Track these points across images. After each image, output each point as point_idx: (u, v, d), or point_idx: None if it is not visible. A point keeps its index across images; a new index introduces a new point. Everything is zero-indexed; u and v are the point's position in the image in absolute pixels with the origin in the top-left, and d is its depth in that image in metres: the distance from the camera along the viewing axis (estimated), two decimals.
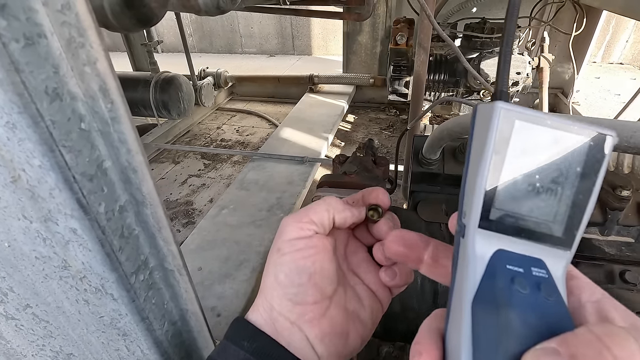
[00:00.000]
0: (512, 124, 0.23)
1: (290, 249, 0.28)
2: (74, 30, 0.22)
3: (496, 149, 0.23)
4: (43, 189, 0.25)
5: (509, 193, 0.23)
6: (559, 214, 0.23)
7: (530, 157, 0.23)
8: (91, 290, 0.33)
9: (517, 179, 0.23)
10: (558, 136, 0.22)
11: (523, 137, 0.23)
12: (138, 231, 0.32)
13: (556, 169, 0.23)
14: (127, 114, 0.26)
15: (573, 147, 0.22)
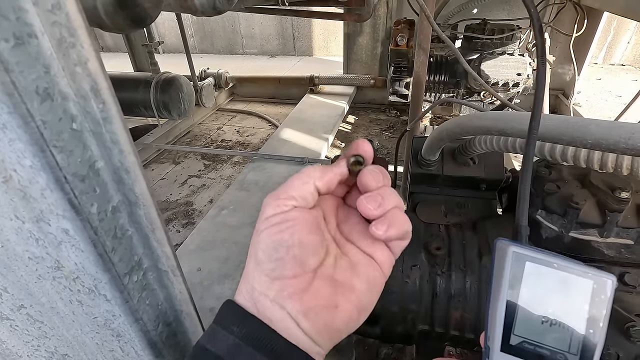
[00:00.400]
0: (523, 265, 0.28)
1: (267, 226, 0.27)
2: (65, 30, 0.22)
3: (511, 285, 0.28)
4: (34, 189, 0.25)
5: (525, 323, 0.27)
6: (573, 344, 0.27)
7: (542, 294, 0.27)
8: (84, 291, 0.32)
9: (532, 312, 0.27)
10: (566, 278, 0.27)
11: (534, 277, 0.27)
12: (131, 232, 0.31)
13: (566, 306, 0.27)
14: (119, 114, 0.26)
15: (579, 288, 0.27)
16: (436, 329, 0.84)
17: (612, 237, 0.66)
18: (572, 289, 0.26)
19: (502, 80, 2.11)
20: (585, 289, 0.26)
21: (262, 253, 0.27)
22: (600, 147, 0.48)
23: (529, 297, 0.27)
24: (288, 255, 0.26)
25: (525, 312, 0.27)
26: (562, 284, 0.27)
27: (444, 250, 0.85)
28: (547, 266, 0.27)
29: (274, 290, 0.27)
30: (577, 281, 0.26)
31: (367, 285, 0.29)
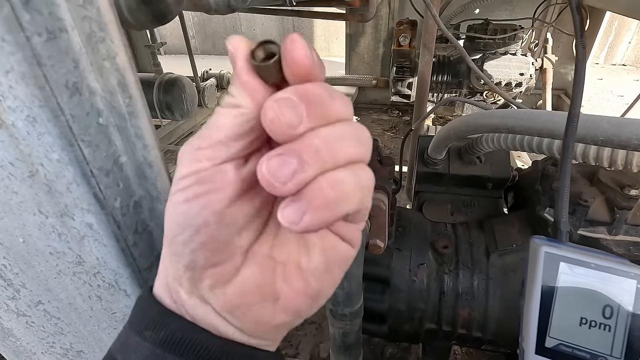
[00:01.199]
0: (557, 265, 0.27)
1: (174, 192, 0.19)
2: (95, 25, 0.22)
3: (544, 286, 0.27)
4: (61, 183, 0.25)
5: (561, 325, 0.26)
6: (616, 347, 0.25)
7: (580, 294, 0.26)
8: (104, 286, 0.33)
9: (569, 313, 0.26)
10: (606, 277, 0.26)
11: (570, 277, 0.26)
12: (152, 227, 0.32)
13: (607, 307, 0.25)
14: (145, 109, 0.26)
15: (622, 288, 0.25)
16: (443, 328, 0.84)
17: (620, 234, 0.66)
18: (614, 289, 0.25)
19: (504, 80, 2.12)
20: (629, 289, 0.25)
21: (168, 230, 0.19)
22: (612, 144, 0.48)
23: (564, 298, 0.26)
24: (200, 237, 0.18)
25: (561, 314, 0.26)
26: (602, 283, 0.25)
27: (451, 248, 0.85)
28: (584, 266, 0.26)
29: (188, 282, 0.20)
30: (619, 281, 0.25)
31: (324, 264, 0.21)
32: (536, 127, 0.56)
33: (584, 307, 0.26)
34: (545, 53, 2.29)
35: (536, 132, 0.57)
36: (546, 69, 2.27)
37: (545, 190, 0.75)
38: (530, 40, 2.38)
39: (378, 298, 0.85)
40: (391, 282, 0.84)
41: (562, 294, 0.27)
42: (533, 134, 0.58)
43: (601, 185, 0.68)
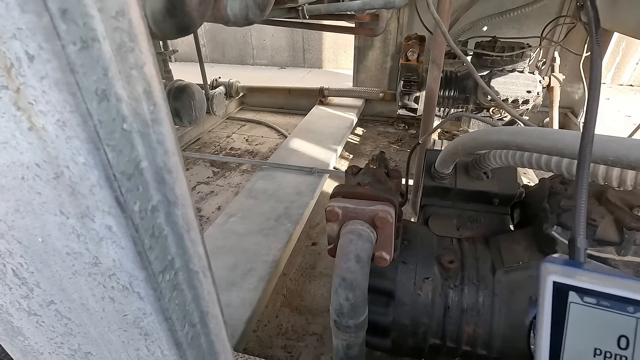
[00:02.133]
0: (566, 296, 0.24)
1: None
2: (126, 36, 0.23)
3: (554, 318, 0.25)
4: (84, 185, 0.26)
5: (575, 357, 0.25)
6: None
7: (592, 326, 0.24)
8: (118, 287, 0.33)
9: (582, 344, 0.24)
10: (619, 307, 0.24)
11: (580, 307, 0.24)
12: (167, 231, 0.32)
13: (622, 338, 0.24)
14: (168, 116, 0.27)
15: (636, 317, 0.23)
16: (447, 344, 0.83)
17: (629, 255, 0.66)
18: (630, 318, 0.24)
19: (511, 97, 2.13)
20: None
21: None
22: (622, 164, 0.48)
23: (576, 329, 0.25)
24: None
25: (574, 345, 0.25)
26: (617, 312, 0.24)
27: (457, 263, 0.84)
28: (595, 296, 0.25)
29: None
30: (635, 310, 0.24)
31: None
32: (546, 145, 0.57)
33: (597, 338, 0.25)
34: (553, 71, 2.31)
35: (545, 150, 0.57)
36: (553, 87, 2.28)
37: (553, 208, 0.75)
38: (537, 59, 2.40)
39: (382, 311, 0.85)
40: (396, 296, 0.83)
41: (573, 325, 0.25)
42: (542, 152, 0.58)
43: (610, 205, 0.68)
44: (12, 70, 0.22)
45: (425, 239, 0.90)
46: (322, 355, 1.31)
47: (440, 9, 1.09)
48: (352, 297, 0.66)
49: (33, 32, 0.20)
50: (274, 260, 1.47)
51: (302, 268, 1.69)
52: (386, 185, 0.82)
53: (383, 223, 0.70)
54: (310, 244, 1.84)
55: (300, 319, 1.45)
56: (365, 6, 1.01)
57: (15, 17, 0.20)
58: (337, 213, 0.73)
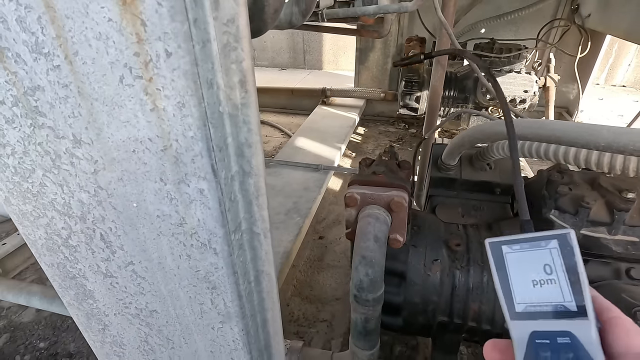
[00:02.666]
0: (500, 249, 0.36)
1: None
2: (232, 38, 0.30)
3: (498, 267, 0.35)
4: (188, 155, 0.33)
5: (521, 291, 0.34)
6: (565, 293, 0.32)
7: (525, 264, 0.34)
8: (197, 245, 0.40)
9: (522, 280, 0.34)
10: (536, 244, 0.34)
11: (512, 254, 0.35)
12: (239, 197, 0.39)
13: (546, 267, 0.34)
14: (255, 101, 0.34)
15: (549, 247, 0.33)
16: (455, 320, 0.90)
17: (619, 234, 0.74)
18: (544, 251, 0.33)
19: (509, 97, 2.21)
20: (552, 245, 0.33)
21: None
22: (611, 149, 0.56)
23: (515, 271, 0.34)
24: None
25: (518, 283, 0.34)
26: (536, 249, 0.34)
27: (463, 246, 0.92)
28: (519, 243, 0.35)
29: None
30: (545, 244, 0.33)
31: None
32: (545, 135, 0.64)
33: (530, 272, 0.34)
34: (548, 72, 2.40)
35: (545, 139, 0.65)
36: (549, 87, 2.37)
37: (550, 194, 0.82)
38: (534, 60, 2.48)
39: (394, 291, 0.92)
40: (407, 276, 0.91)
41: (512, 268, 0.35)
42: (542, 140, 0.66)
43: (602, 189, 0.76)
44: (150, 64, 0.29)
45: (434, 225, 0.97)
46: (332, 340, 1.37)
47: (445, 11, 1.17)
48: (371, 273, 0.73)
49: (176, 35, 0.27)
50: (285, 252, 1.54)
51: (311, 260, 1.76)
52: (398, 175, 0.89)
53: (398, 207, 0.78)
54: (317, 238, 1.91)
55: (310, 307, 1.51)
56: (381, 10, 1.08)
57: (165, 24, 0.27)
58: (356, 199, 0.80)
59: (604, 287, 0.74)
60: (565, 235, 0.33)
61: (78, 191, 0.39)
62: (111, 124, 0.33)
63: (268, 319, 0.51)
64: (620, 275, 0.76)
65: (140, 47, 0.28)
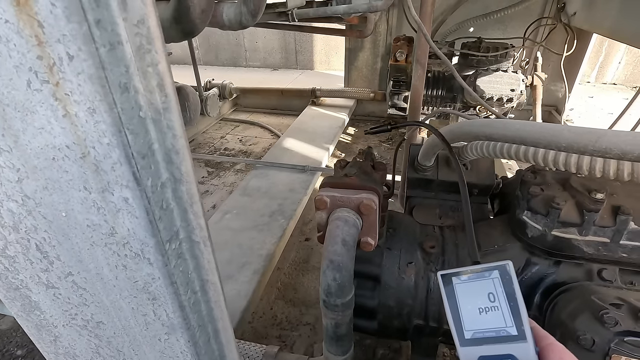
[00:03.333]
0: (450, 281, 0.39)
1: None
2: (144, 40, 0.29)
3: (449, 297, 0.39)
4: (107, 163, 0.32)
5: (470, 319, 0.38)
6: (507, 319, 0.36)
7: (471, 293, 0.38)
8: (131, 255, 0.39)
9: (470, 308, 0.38)
10: (480, 275, 0.38)
11: (461, 285, 0.39)
12: (173, 205, 0.38)
13: (490, 295, 0.37)
14: (177, 105, 0.32)
15: (491, 279, 0.38)
16: (430, 324, 0.89)
17: (590, 235, 0.73)
18: (488, 280, 0.38)
19: (496, 96, 2.21)
20: (494, 275, 0.38)
21: None
22: (573, 150, 0.55)
23: (463, 300, 0.38)
24: None
25: (466, 311, 0.38)
26: (481, 279, 0.38)
27: (438, 248, 0.91)
28: (465, 274, 0.39)
29: None
30: (489, 274, 0.38)
31: None
32: (510, 135, 0.63)
33: (477, 301, 0.38)
34: (536, 71, 2.39)
35: (510, 139, 0.64)
36: (536, 86, 2.37)
37: (523, 195, 0.81)
38: (521, 59, 2.48)
39: (369, 294, 0.91)
40: (382, 280, 0.89)
41: (461, 298, 0.39)
42: (508, 141, 0.65)
43: (572, 190, 0.75)
44: (54, 68, 0.27)
45: (409, 227, 0.96)
46: (315, 344, 1.36)
47: (423, 11, 1.16)
48: (339, 278, 0.71)
49: (75, 37, 0.26)
50: (268, 254, 1.53)
51: (296, 262, 1.75)
52: (371, 176, 0.88)
53: (368, 210, 0.76)
54: (304, 240, 1.89)
55: (294, 310, 1.50)
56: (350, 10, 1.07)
57: (62, 26, 0.25)
58: (326, 201, 0.79)
59: (575, 289, 0.73)
60: (504, 266, 0.37)
61: (6, 200, 0.38)
62: (27, 131, 0.32)
63: (219, 329, 0.50)
64: (592, 277, 0.75)
65: (42, 50, 0.27)
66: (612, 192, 0.74)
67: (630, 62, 4.13)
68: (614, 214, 0.71)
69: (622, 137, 0.50)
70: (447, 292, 0.39)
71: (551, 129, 0.57)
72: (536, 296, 0.80)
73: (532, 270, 0.80)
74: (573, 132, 0.55)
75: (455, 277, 0.39)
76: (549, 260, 0.79)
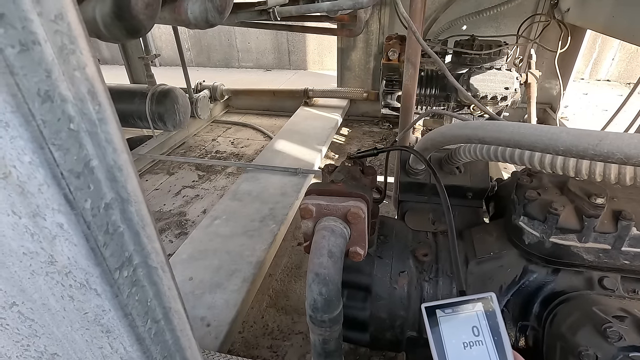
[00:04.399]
0: (435, 313, 0.39)
1: None
2: (66, 38, 0.24)
3: (433, 331, 0.38)
4: (32, 184, 0.27)
5: (454, 353, 0.37)
6: (491, 354, 0.36)
7: (456, 327, 0.38)
8: (76, 285, 0.34)
9: (455, 343, 0.37)
10: (464, 308, 0.38)
11: (445, 318, 0.38)
12: (123, 228, 0.33)
13: (473, 328, 0.37)
14: (114, 115, 0.28)
15: (475, 311, 0.37)
16: (424, 335, 0.85)
17: (590, 242, 0.69)
18: (472, 313, 0.37)
19: (490, 94, 2.17)
20: (478, 308, 0.37)
21: None
22: (571, 154, 0.51)
23: (448, 334, 0.37)
24: None
25: (451, 344, 0.37)
26: (464, 312, 0.38)
27: (431, 256, 0.86)
28: (451, 307, 0.38)
29: None
30: (472, 306, 0.37)
31: None
32: (504, 138, 0.59)
33: (462, 334, 0.37)
34: (530, 68, 2.36)
35: (504, 143, 0.59)
36: (530, 84, 2.34)
37: (519, 199, 0.77)
38: (515, 56, 2.45)
39: (360, 306, 0.86)
40: (373, 290, 0.85)
41: (445, 331, 0.38)
42: (502, 144, 0.61)
43: (570, 194, 0.71)
44: None
45: (401, 233, 0.92)
46: (307, 354, 1.32)
47: (413, 8, 1.12)
48: (325, 292, 0.67)
49: None
50: (258, 261, 1.48)
51: (288, 268, 1.70)
52: (360, 182, 0.83)
53: (355, 218, 0.72)
54: (296, 244, 1.85)
55: (286, 318, 1.45)
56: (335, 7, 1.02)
57: None
58: (311, 210, 0.74)
59: (576, 299, 0.69)
60: (487, 298, 0.37)
61: None
62: None
63: (188, 358, 0.45)
64: (593, 285, 0.71)
65: None
66: (613, 196, 0.70)
67: (623, 58, 4.12)
68: (615, 219, 0.67)
69: (625, 140, 0.46)
70: (431, 326, 0.39)
71: (548, 131, 0.53)
72: (535, 305, 0.76)
73: (530, 279, 0.76)
74: (572, 134, 0.50)
75: (439, 309, 0.39)
76: (547, 268, 0.75)
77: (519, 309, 0.78)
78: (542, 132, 0.53)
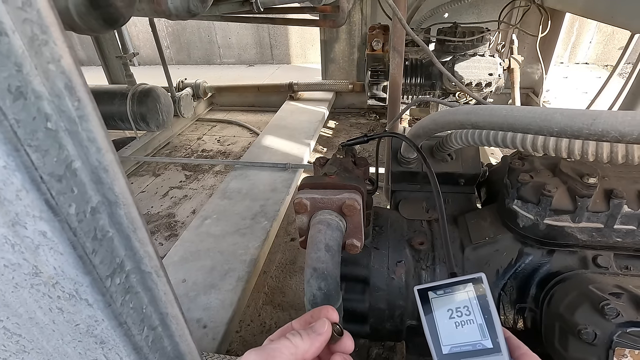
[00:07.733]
0: (427, 295, 0.39)
1: None
2: (37, 28, 0.22)
3: (426, 312, 0.39)
4: (9, 191, 0.25)
5: (446, 334, 0.38)
6: (482, 331, 0.36)
7: (447, 307, 0.38)
8: (65, 296, 0.32)
9: (447, 323, 0.38)
10: (455, 288, 0.38)
11: (437, 299, 0.39)
12: (112, 233, 0.31)
13: (464, 308, 0.37)
14: (95, 111, 0.26)
15: (465, 291, 0.38)
16: None
17: (583, 221, 0.69)
18: (463, 293, 0.38)
19: (475, 81, 2.18)
20: (469, 289, 0.38)
21: None
22: (566, 134, 0.50)
23: (440, 315, 0.38)
24: None
25: (443, 325, 0.38)
26: (456, 292, 0.38)
27: (427, 244, 0.86)
28: (442, 288, 0.39)
29: None
30: (463, 287, 0.38)
31: None
32: (497, 122, 0.58)
33: (454, 314, 0.37)
34: (512, 53, 2.38)
35: (498, 127, 0.59)
36: (513, 69, 2.36)
37: (512, 183, 0.77)
38: (497, 42, 2.47)
39: (358, 298, 0.86)
40: (371, 282, 0.85)
41: (437, 312, 0.38)
42: (495, 128, 0.60)
43: (563, 175, 0.71)
44: None
45: (396, 223, 0.91)
46: None
47: None
48: (324, 287, 0.66)
49: None
50: (252, 259, 1.46)
51: (282, 264, 1.69)
52: (353, 174, 0.82)
53: (351, 210, 0.71)
54: (289, 240, 1.83)
55: (283, 314, 1.44)
56: None
57: None
58: (305, 204, 0.73)
59: (572, 279, 0.70)
60: (478, 278, 0.37)
61: None
62: None
63: None
64: (587, 264, 0.72)
65: None
66: (604, 175, 0.71)
67: (600, 41, 4.20)
68: (607, 198, 0.67)
69: (619, 118, 0.46)
70: (424, 307, 0.39)
71: (542, 113, 0.52)
72: (532, 287, 0.77)
73: (526, 261, 0.77)
74: (565, 115, 0.50)
75: (431, 291, 0.39)
76: (542, 250, 0.76)
77: (516, 291, 0.78)
78: (535, 113, 0.53)
